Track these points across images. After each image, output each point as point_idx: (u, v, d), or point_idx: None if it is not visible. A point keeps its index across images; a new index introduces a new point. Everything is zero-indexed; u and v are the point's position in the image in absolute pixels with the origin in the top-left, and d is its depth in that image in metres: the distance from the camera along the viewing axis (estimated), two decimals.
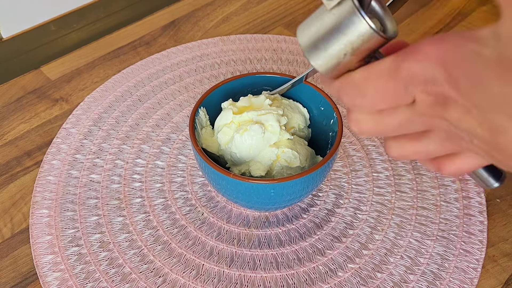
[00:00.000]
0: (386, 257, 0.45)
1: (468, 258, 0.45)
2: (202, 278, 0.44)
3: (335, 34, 0.27)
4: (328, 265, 0.45)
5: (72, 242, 0.46)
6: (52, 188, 0.50)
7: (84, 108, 0.57)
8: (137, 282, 0.43)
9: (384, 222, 0.48)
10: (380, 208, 0.49)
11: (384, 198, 0.49)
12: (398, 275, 0.44)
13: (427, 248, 0.46)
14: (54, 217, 0.48)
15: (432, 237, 0.47)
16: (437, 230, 0.47)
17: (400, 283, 0.43)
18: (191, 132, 0.44)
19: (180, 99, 0.59)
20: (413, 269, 0.44)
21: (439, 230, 0.47)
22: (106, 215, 0.48)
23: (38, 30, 0.69)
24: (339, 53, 0.27)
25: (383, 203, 0.49)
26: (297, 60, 0.63)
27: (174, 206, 0.49)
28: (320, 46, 0.27)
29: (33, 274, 0.45)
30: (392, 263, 0.45)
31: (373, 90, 0.27)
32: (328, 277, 0.44)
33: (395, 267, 0.45)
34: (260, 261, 0.45)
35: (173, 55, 0.64)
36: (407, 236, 0.47)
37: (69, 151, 0.53)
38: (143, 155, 0.53)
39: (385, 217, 0.48)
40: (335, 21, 0.26)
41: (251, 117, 0.43)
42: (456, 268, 0.44)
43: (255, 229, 0.47)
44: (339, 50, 0.27)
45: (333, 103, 0.46)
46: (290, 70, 0.62)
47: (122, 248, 0.46)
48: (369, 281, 0.44)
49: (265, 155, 0.43)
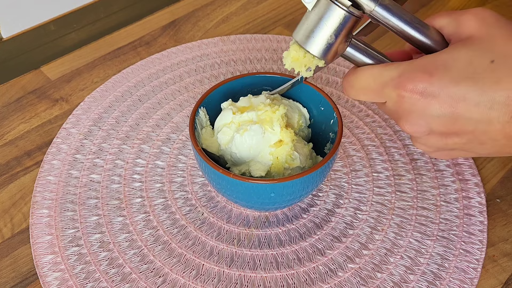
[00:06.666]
0: (386, 257, 0.45)
1: (468, 258, 0.45)
2: (202, 278, 0.44)
3: (320, 24, 0.35)
4: (328, 265, 0.45)
5: (72, 242, 0.46)
6: (52, 188, 0.50)
7: (84, 108, 0.57)
8: (137, 282, 0.43)
9: (384, 222, 0.48)
10: (380, 208, 0.49)
11: (384, 198, 0.49)
12: (398, 275, 0.44)
13: (427, 248, 0.46)
14: (54, 217, 0.48)
15: (432, 237, 0.47)
16: (437, 230, 0.47)
17: (400, 283, 0.43)
18: (191, 132, 0.44)
19: (180, 99, 0.59)
20: (413, 269, 0.44)
21: (439, 230, 0.47)
22: (106, 215, 0.48)
23: (38, 30, 0.69)
24: (327, 36, 0.35)
25: (383, 203, 0.49)
26: None
27: (174, 206, 0.49)
28: (311, 35, 0.35)
29: (33, 274, 0.45)
30: (392, 263, 0.45)
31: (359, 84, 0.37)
32: (328, 277, 0.44)
33: (395, 267, 0.45)
34: (260, 261, 0.45)
35: (173, 55, 0.64)
36: (407, 236, 0.47)
37: (69, 151, 0.53)
38: (143, 155, 0.53)
39: (385, 217, 0.48)
40: (318, 15, 0.35)
41: (251, 117, 0.43)
42: (456, 268, 0.44)
43: (255, 229, 0.47)
44: (326, 33, 0.35)
45: (333, 103, 0.46)
46: (290, 70, 0.62)
47: (122, 248, 0.46)
48: (369, 281, 0.44)
49: (265, 155, 0.43)
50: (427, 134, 0.35)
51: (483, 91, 0.32)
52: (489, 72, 0.32)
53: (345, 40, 0.36)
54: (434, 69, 0.33)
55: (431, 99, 0.33)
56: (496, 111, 0.32)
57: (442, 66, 0.33)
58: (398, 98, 0.34)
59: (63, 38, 0.68)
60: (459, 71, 0.32)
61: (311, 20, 0.35)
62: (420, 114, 0.34)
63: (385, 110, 0.37)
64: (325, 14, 0.34)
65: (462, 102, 0.32)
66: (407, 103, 0.34)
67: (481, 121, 0.33)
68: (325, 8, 0.34)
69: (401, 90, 0.34)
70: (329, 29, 0.35)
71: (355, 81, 0.36)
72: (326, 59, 0.36)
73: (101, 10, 0.72)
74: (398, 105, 0.35)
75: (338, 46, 0.36)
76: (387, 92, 0.35)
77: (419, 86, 0.33)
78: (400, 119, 0.35)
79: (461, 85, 0.32)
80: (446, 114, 0.33)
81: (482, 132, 0.33)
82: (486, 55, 0.33)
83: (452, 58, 0.33)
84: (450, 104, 0.33)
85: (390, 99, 0.35)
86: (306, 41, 0.36)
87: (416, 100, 0.33)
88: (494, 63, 0.32)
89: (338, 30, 0.35)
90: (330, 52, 0.36)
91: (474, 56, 0.33)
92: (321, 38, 0.35)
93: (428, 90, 0.33)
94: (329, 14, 0.34)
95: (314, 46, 0.35)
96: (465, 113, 0.33)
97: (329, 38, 0.35)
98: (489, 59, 0.32)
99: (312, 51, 0.36)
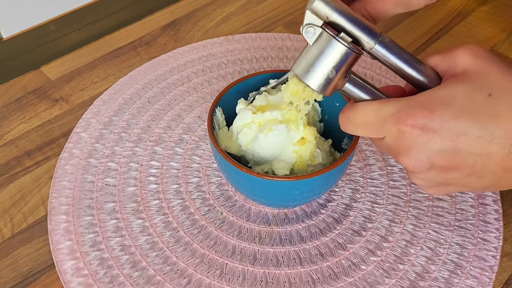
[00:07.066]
0: (407, 249, 0.46)
1: (486, 247, 0.46)
2: (227, 277, 0.44)
3: (321, 58, 0.35)
4: (350, 259, 0.45)
5: (93, 246, 0.46)
6: (67, 193, 0.50)
7: (94, 112, 0.57)
8: (162, 284, 0.43)
9: (402, 214, 0.48)
10: (396, 201, 0.49)
11: (400, 191, 0.50)
12: (420, 266, 0.45)
13: (446, 238, 0.47)
14: (73, 222, 0.47)
15: (449, 227, 0.47)
16: (454, 220, 0.48)
17: (423, 273, 0.44)
18: (211, 132, 0.44)
19: (190, 99, 0.59)
20: (434, 259, 0.45)
21: (456, 220, 0.48)
22: (125, 218, 0.48)
23: (38, 30, 0.69)
24: (327, 71, 0.35)
25: (399, 196, 0.50)
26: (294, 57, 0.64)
27: (192, 207, 0.49)
28: (311, 69, 0.36)
29: (33, 274, 0.45)
30: (413, 254, 0.45)
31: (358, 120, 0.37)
32: (352, 270, 0.44)
33: (416, 258, 0.45)
34: (283, 258, 0.45)
35: (179, 56, 0.64)
36: (425, 227, 0.47)
37: (82, 155, 0.53)
38: (157, 157, 0.53)
39: (402, 209, 0.49)
40: (319, 50, 0.35)
41: (275, 117, 0.43)
42: (476, 256, 0.45)
43: (276, 226, 0.47)
44: (326, 68, 0.35)
45: (348, 99, 0.47)
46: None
47: (144, 251, 0.45)
48: (392, 273, 0.44)
49: (289, 153, 0.43)
50: (428, 169, 0.35)
51: (483, 125, 0.33)
52: (488, 107, 0.33)
53: (344, 76, 0.36)
54: (434, 105, 0.33)
55: (432, 134, 0.33)
56: (496, 145, 0.33)
57: (441, 102, 0.33)
58: (399, 134, 0.34)
59: (63, 38, 0.68)
60: (458, 107, 0.33)
61: (312, 54, 0.36)
62: (421, 149, 0.34)
63: (382, 146, 0.37)
64: (326, 49, 0.35)
65: (463, 137, 0.33)
66: (407, 138, 0.34)
67: (481, 154, 0.33)
68: (327, 43, 0.35)
69: (401, 125, 0.34)
70: (330, 64, 0.35)
71: (353, 117, 0.37)
72: (325, 93, 0.36)
73: (101, 10, 0.72)
74: (398, 141, 0.35)
75: (337, 82, 0.36)
76: (387, 128, 0.35)
77: (420, 122, 0.33)
78: (400, 154, 0.35)
79: (461, 120, 0.33)
80: (447, 148, 0.34)
81: (481, 166, 0.34)
82: (483, 89, 0.33)
83: (450, 94, 0.34)
84: (451, 138, 0.33)
85: (390, 134, 0.35)
86: (306, 75, 0.36)
87: (417, 136, 0.34)
88: (491, 97, 0.33)
89: (339, 65, 0.35)
90: (329, 87, 0.36)
91: (471, 90, 0.33)
92: (321, 72, 0.35)
93: (429, 125, 0.33)
94: (330, 49, 0.35)
95: (313, 80, 0.36)
96: (466, 147, 0.33)
97: (330, 73, 0.35)
98: (486, 93, 0.33)
99: (312, 85, 0.36)
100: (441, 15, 0.71)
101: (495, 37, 0.67)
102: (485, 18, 0.70)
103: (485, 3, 0.72)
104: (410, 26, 0.70)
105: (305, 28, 0.35)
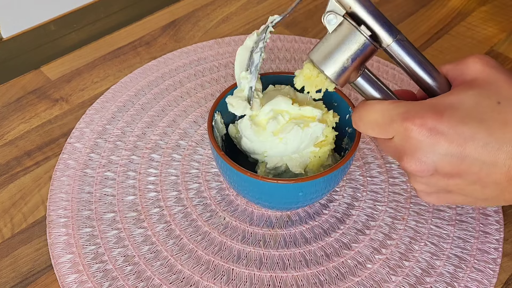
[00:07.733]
0: (411, 245, 0.46)
1: (488, 239, 0.46)
2: (234, 283, 0.43)
3: (340, 46, 0.36)
4: (356, 258, 0.45)
5: (95, 258, 0.45)
6: (65, 205, 0.49)
7: (87, 121, 0.56)
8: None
9: (404, 211, 0.49)
10: (397, 197, 0.50)
11: (400, 188, 0.50)
12: (424, 262, 0.45)
13: (449, 233, 0.47)
14: (73, 235, 0.46)
15: (451, 222, 0.48)
16: (455, 215, 0.48)
17: (428, 269, 0.44)
18: (211, 136, 0.43)
19: (184, 104, 0.58)
20: (438, 255, 0.45)
21: (457, 214, 0.48)
22: (127, 228, 0.47)
23: (38, 30, 0.68)
24: (343, 59, 0.36)
25: (399, 193, 0.50)
26: (294, 58, 0.64)
27: (194, 213, 0.48)
28: (329, 56, 0.36)
29: (33, 274, 0.45)
30: (418, 250, 0.46)
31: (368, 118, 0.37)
32: (358, 270, 0.44)
33: (421, 254, 0.46)
34: (289, 261, 0.45)
35: (170, 61, 0.63)
36: (428, 223, 0.48)
37: (78, 166, 0.52)
38: (155, 164, 0.52)
39: (403, 206, 0.49)
40: (338, 37, 0.36)
41: (315, 114, 0.43)
42: (479, 250, 0.46)
43: (279, 229, 0.47)
44: (343, 57, 0.36)
45: (347, 98, 0.47)
46: (289, 68, 0.62)
47: (148, 260, 0.45)
48: (399, 270, 0.44)
49: (307, 153, 0.43)
50: (431, 174, 0.35)
51: (492, 132, 0.33)
52: (497, 113, 0.33)
53: (358, 68, 0.36)
54: (443, 109, 0.33)
55: (440, 137, 0.33)
56: (503, 153, 0.33)
57: (450, 106, 0.33)
58: (406, 132, 0.34)
59: (63, 38, 0.68)
60: (467, 112, 0.33)
61: (331, 42, 0.36)
62: (427, 151, 0.34)
63: (389, 148, 0.37)
64: (345, 38, 0.35)
65: (471, 142, 0.33)
66: (414, 138, 0.34)
67: (487, 162, 0.33)
68: (347, 32, 0.35)
69: (409, 123, 0.34)
70: (347, 53, 0.36)
71: (365, 115, 0.37)
72: (338, 82, 0.37)
73: (101, 10, 0.72)
74: (405, 141, 0.34)
75: (351, 72, 0.36)
76: (395, 127, 0.35)
77: (429, 123, 0.33)
78: (405, 155, 0.35)
79: (469, 124, 0.33)
80: (454, 153, 0.33)
81: (486, 174, 0.33)
82: (492, 97, 0.34)
83: (459, 99, 0.34)
84: (458, 143, 0.33)
85: (398, 133, 0.35)
86: (323, 61, 0.36)
87: (424, 136, 0.33)
88: (500, 105, 0.33)
89: (355, 55, 0.36)
90: (343, 76, 0.36)
91: (481, 97, 0.34)
92: (338, 60, 0.36)
93: (437, 128, 0.33)
94: (349, 38, 0.35)
95: (329, 67, 0.36)
96: (473, 153, 0.33)
97: (345, 62, 0.36)
98: (495, 101, 0.33)
99: (327, 72, 0.36)
100: (441, 15, 0.71)
101: (495, 37, 0.67)
102: (485, 18, 0.70)
103: (485, 3, 0.73)
104: (410, 26, 0.70)
105: (326, 15, 0.36)
